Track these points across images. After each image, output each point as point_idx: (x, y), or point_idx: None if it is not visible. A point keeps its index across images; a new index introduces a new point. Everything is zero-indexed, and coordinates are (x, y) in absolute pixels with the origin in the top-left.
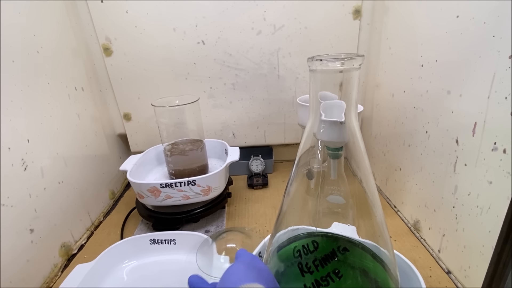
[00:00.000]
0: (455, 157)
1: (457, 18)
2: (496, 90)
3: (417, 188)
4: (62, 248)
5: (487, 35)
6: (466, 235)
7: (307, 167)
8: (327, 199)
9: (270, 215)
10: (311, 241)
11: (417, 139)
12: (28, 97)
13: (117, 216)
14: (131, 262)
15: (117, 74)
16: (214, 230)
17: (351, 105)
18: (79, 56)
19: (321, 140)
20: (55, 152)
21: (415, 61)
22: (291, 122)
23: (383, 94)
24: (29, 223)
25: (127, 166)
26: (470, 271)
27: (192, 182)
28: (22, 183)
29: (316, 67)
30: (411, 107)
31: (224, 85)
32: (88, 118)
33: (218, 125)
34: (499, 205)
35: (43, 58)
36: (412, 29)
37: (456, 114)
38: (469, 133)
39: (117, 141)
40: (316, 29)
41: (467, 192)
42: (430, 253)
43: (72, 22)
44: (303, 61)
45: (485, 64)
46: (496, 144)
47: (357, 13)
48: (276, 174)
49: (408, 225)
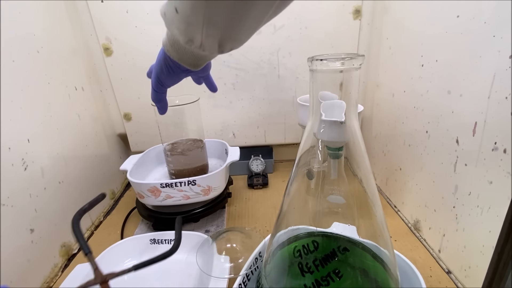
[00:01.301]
0: (456, 157)
1: (457, 18)
2: (497, 90)
3: (417, 188)
4: (62, 248)
5: (488, 35)
6: (467, 235)
7: (307, 167)
8: (327, 199)
9: (270, 215)
10: (311, 241)
11: (417, 139)
12: (28, 97)
13: (117, 216)
14: (131, 262)
15: (117, 74)
16: (214, 230)
17: (351, 105)
18: (79, 56)
19: (321, 140)
20: (55, 152)
21: (415, 61)
22: (291, 122)
23: (383, 94)
24: (29, 223)
25: (127, 166)
26: (471, 271)
27: (192, 182)
28: (22, 183)
29: (316, 67)
30: (411, 107)
31: (224, 85)
32: (88, 118)
33: (218, 125)
34: (499, 205)
35: (43, 58)
36: (413, 29)
37: (456, 114)
38: (469, 133)
39: (117, 141)
40: (316, 29)
41: (468, 192)
42: (430, 253)
43: (72, 22)
44: (303, 61)
45: (486, 64)
46: (496, 144)
47: (357, 13)
48: (276, 174)
49: (408, 225)
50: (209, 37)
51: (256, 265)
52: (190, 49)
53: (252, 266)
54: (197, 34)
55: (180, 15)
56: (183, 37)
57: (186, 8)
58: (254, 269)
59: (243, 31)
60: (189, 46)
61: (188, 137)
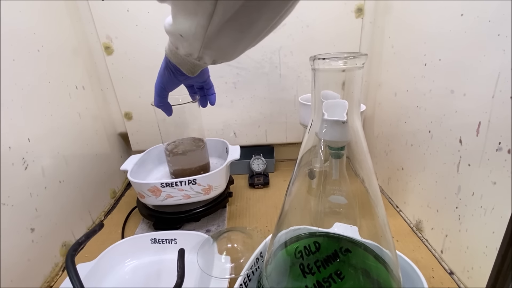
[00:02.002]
0: (459, 157)
1: (461, 16)
2: (501, 90)
3: (420, 188)
4: (63, 247)
5: (492, 33)
6: (470, 236)
7: (309, 167)
8: (329, 199)
9: (271, 214)
10: (312, 242)
11: (420, 138)
12: (28, 96)
13: (118, 215)
14: (132, 261)
15: (118, 73)
16: (215, 229)
17: (353, 104)
18: (79, 55)
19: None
20: (56, 151)
21: (418, 60)
22: (293, 121)
23: (385, 93)
24: (30, 222)
25: (127, 166)
26: (473, 272)
27: (192, 181)
28: (22, 182)
29: (319, 66)
30: (414, 106)
31: (225, 84)
32: (89, 117)
33: (219, 124)
34: (503, 206)
35: (44, 57)
36: (415, 28)
37: (459, 113)
38: (473, 133)
39: (118, 140)
40: (318, 27)
41: (471, 192)
42: (433, 254)
43: (73, 20)
44: (305, 60)
45: (490, 63)
46: (500, 144)
47: (360, 12)
48: (277, 173)
49: (410, 226)
50: (206, 55)
51: (257, 266)
52: (188, 59)
53: (253, 266)
54: (196, 52)
55: (184, 39)
56: (184, 51)
57: (189, 35)
58: (255, 269)
59: (236, 53)
60: (187, 57)
61: (189, 137)
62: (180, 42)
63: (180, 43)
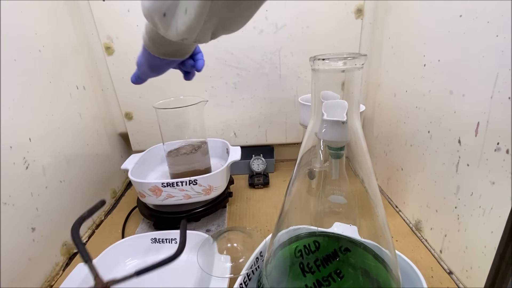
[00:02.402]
0: (458, 157)
1: (460, 17)
2: (499, 90)
3: (419, 188)
4: (63, 247)
5: (491, 34)
6: (468, 236)
7: (309, 167)
8: (328, 199)
9: (271, 214)
10: (312, 241)
11: (419, 139)
12: (29, 96)
13: (118, 215)
14: (132, 261)
15: (119, 73)
16: (215, 229)
17: (353, 104)
18: (80, 55)
19: (323, 139)
20: (57, 151)
21: (417, 61)
22: (293, 121)
23: (385, 93)
24: (31, 221)
25: (128, 165)
26: (472, 272)
27: (193, 182)
28: (23, 182)
29: (318, 67)
30: (413, 106)
31: (225, 84)
32: (89, 117)
33: (220, 124)
34: (501, 206)
35: (45, 57)
36: (415, 28)
37: (458, 114)
38: (471, 133)
39: (118, 140)
40: (318, 28)
41: (470, 192)
42: (432, 254)
43: (74, 21)
44: (305, 60)
45: (488, 63)
46: (499, 144)
47: (359, 12)
48: (277, 173)
49: (409, 225)
50: (205, 30)
51: (257, 265)
52: (181, 43)
53: (253, 265)
54: (195, 33)
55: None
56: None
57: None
58: (255, 268)
59: (238, 20)
60: (181, 41)
61: (189, 138)
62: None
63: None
